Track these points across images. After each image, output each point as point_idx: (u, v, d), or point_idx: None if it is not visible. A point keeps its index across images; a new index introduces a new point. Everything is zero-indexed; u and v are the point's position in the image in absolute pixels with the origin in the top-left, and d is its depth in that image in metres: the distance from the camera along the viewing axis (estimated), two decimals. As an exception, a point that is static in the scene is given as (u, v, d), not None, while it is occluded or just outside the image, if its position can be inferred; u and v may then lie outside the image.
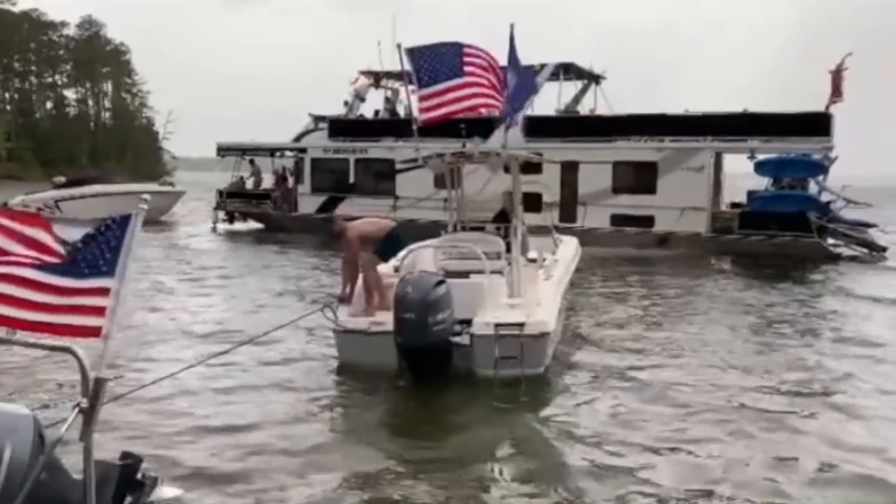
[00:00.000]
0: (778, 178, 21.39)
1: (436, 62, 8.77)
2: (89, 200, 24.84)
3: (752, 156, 21.14)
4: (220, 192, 27.73)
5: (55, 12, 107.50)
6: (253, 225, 27.49)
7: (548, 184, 22.90)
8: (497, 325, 7.39)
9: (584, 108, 25.23)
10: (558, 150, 22.88)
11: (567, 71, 23.74)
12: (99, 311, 2.41)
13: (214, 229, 26.95)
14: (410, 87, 8.96)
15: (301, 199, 26.62)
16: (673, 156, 21.63)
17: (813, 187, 20.79)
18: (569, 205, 22.86)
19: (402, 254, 8.78)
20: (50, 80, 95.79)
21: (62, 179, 28.07)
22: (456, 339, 7.54)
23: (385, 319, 7.57)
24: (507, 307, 7.94)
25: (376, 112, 26.71)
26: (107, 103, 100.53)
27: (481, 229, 9.86)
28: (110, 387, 2.44)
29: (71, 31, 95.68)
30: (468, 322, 7.59)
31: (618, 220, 22.15)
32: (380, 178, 25.44)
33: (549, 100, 24.16)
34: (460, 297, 7.61)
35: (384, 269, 8.77)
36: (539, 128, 23.31)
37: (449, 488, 5.22)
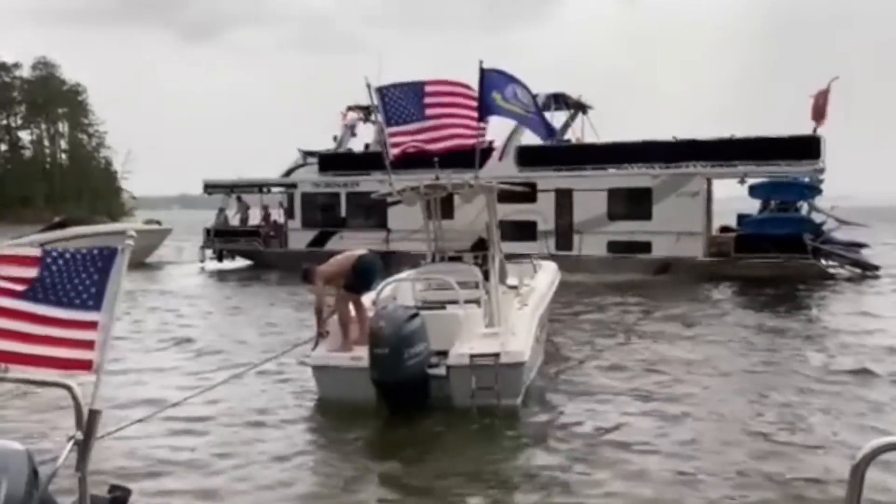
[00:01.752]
0: (768, 201, 21.74)
1: (402, 101, 9.06)
2: (77, 242, 23.97)
3: (742, 180, 21.48)
4: (208, 231, 27.14)
5: (7, 54, 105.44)
6: (242, 263, 26.89)
7: (543, 212, 23.01)
8: (472, 356, 7.45)
9: (570, 138, 25.42)
10: (552, 179, 23.04)
11: (557, 101, 23.93)
12: (88, 344, 2.44)
13: (203, 269, 26.26)
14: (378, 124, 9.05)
15: (292, 235, 26.24)
16: (667, 182, 21.92)
17: (805, 209, 21.16)
18: (564, 233, 22.96)
19: (381, 286, 8.82)
20: (4, 122, 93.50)
21: (58, 220, 27.49)
22: (433, 370, 7.59)
23: (363, 354, 7.58)
24: (482, 337, 7.98)
25: (366, 146, 26.53)
26: (63, 144, 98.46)
27: (460, 259, 9.91)
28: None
29: (24, 72, 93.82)
30: (445, 353, 7.64)
31: (615, 246, 22.26)
32: (371, 211, 25.17)
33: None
34: (436, 329, 7.65)
35: (365, 301, 8.67)
36: (532, 156, 23.47)
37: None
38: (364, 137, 26.98)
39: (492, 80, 9.30)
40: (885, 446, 1.78)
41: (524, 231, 22.83)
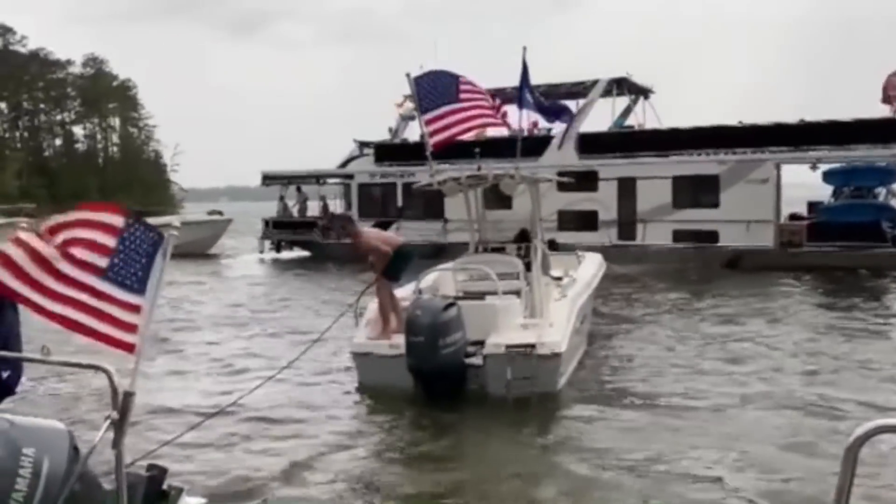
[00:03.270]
0: (841, 188, 20.84)
1: (436, 88, 9.39)
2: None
3: (814, 166, 20.61)
4: (267, 222, 27.12)
5: (62, 51, 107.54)
6: (300, 253, 26.86)
7: (604, 201, 22.43)
8: (508, 347, 7.49)
9: (633, 124, 24.64)
10: (614, 167, 22.42)
11: (619, 86, 23.22)
12: (131, 327, 2.51)
13: (262, 259, 26.29)
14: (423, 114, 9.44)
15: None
16: (735, 168, 21.16)
17: (882, 196, 20.20)
18: (627, 222, 22.38)
19: (421, 276, 8.89)
20: (59, 117, 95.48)
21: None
22: (469, 360, 7.66)
23: (401, 342, 7.70)
24: (520, 328, 8.00)
25: (422, 135, 26.14)
26: (114, 138, 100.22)
27: (503, 250, 9.82)
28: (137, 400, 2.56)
29: (76, 68, 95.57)
30: (482, 343, 7.70)
31: (680, 235, 21.58)
32: (428, 201, 24.80)
33: (602, 116, 23.63)
34: (473, 319, 7.73)
35: (406, 292, 8.82)
36: (593, 144, 22.87)
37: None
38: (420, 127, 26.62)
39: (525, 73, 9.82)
40: (879, 428, 1.73)
41: (585, 221, 22.34)
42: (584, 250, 13.57)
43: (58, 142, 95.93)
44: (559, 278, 9.86)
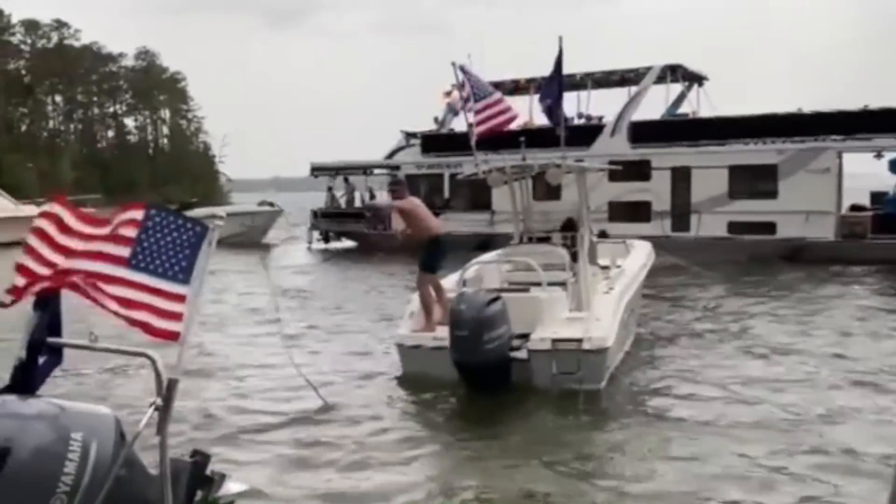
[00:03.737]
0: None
1: (480, 80, 9.78)
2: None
3: (878, 154, 19.72)
4: (315, 213, 27.18)
5: (113, 44, 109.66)
6: (348, 244, 26.88)
7: (657, 191, 21.86)
8: (554, 341, 7.37)
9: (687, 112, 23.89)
10: (668, 156, 21.82)
11: (673, 72, 22.54)
12: (176, 316, 2.54)
13: (310, 249, 26.40)
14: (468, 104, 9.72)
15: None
16: (794, 157, 20.40)
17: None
18: (681, 213, 21.77)
19: (465, 268, 8.82)
20: (111, 109, 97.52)
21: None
22: (514, 353, 7.56)
23: (445, 334, 7.61)
24: (566, 322, 7.87)
25: (470, 125, 25.80)
26: (164, 129, 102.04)
27: (548, 240, 9.61)
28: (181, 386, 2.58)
29: (129, 61, 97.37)
30: (527, 336, 7.59)
31: (736, 227, 20.90)
32: (475, 192, 24.49)
33: (656, 104, 23.01)
34: (518, 312, 7.61)
35: (449, 283, 8.76)
36: (646, 132, 22.27)
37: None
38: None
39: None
40: None
41: (637, 212, 21.81)
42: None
43: (110, 133, 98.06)
44: (606, 268, 9.68)
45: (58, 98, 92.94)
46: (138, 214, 2.63)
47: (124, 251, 2.58)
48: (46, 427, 2.36)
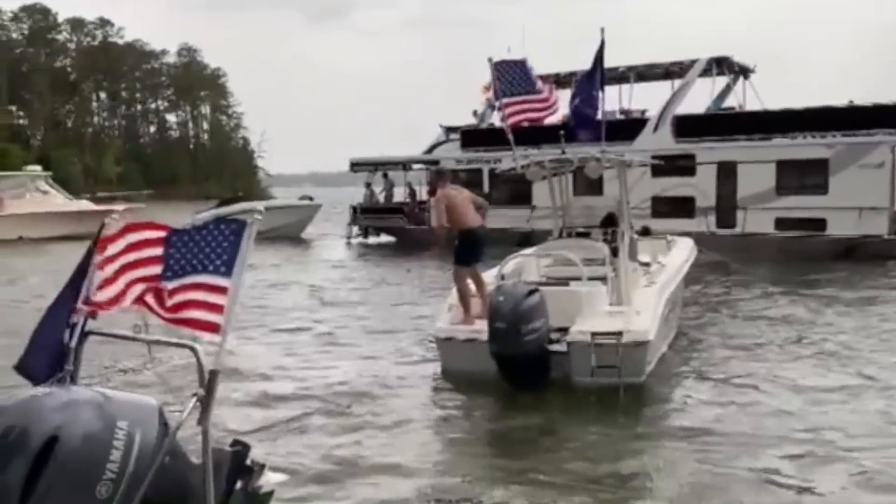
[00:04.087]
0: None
1: (516, 75, 9.47)
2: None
3: (936, 148, 18.99)
4: (354, 208, 27.21)
5: (155, 40, 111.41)
6: (386, 239, 26.84)
7: (702, 186, 21.38)
8: (594, 334, 7.30)
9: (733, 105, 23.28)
10: (713, 150, 21.32)
11: (719, 65, 21.97)
12: (217, 308, 2.60)
13: (349, 244, 26.43)
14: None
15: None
16: (846, 151, 19.75)
17: None
18: (727, 209, 21.23)
19: (504, 261, 8.75)
20: (153, 105, 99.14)
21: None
22: (553, 347, 7.51)
23: (483, 327, 7.58)
24: (605, 315, 7.82)
25: (502, 120, 25.53)
26: (205, 125, 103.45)
27: (588, 235, 9.53)
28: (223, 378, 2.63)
29: (171, 58, 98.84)
30: (566, 330, 7.53)
31: (784, 223, 20.33)
32: (515, 187, 24.20)
33: (700, 98, 22.49)
34: (557, 306, 7.58)
35: (488, 277, 8.73)
36: (691, 126, 21.79)
37: (534, 497, 5.15)
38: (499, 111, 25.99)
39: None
40: None
41: (681, 207, 21.34)
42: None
43: (152, 129, 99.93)
44: (647, 264, 9.57)
45: (102, 95, 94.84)
46: (162, 234, 2.73)
47: (156, 269, 2.71)
48: (93, 416, 2.41)
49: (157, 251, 2.73)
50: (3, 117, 78.17)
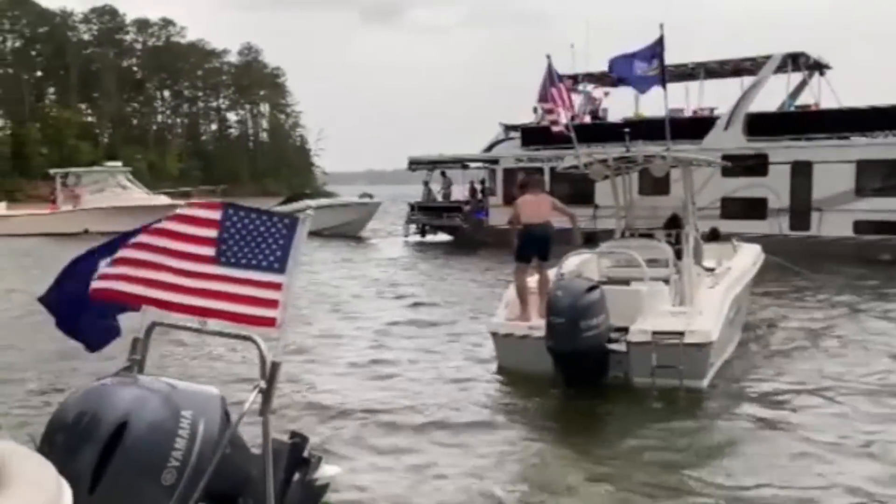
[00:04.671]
0: None
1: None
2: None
3: None
4: (412, 206, 26.94)
5: (215, 39, 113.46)
6: (444, 237, 26.58)
7: (775, 187, 20.40)
8: (655, 333, 7.12)
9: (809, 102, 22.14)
10: (787, 150, 20.32)
11: (794, 61, 20.90)
12: (273, 303, 2.64)
13: (406, 242, 26.21)
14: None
15: (493, 211, 25.21)
16: (933, 151, 18.45)
17: None
18: (801, 211, 20.20)
19: (563, 259, 8.58)
20: (214, 104, 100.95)
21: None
22: (612, 345, 7.34)
23: (540, 323, 7.42)
24: (667, 315, 7.61)
25: (572, 117, 24.83)
26: (264, 123, 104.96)
27: (651, 236, 9.38)
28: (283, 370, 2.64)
29: (232, 58, 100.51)
30: (626, 330, 7.35)
31: (863, 226, 19.22)
32: (577, 186, 23.49)
33: (773, 94, 21.48)
34: (618, 304, 7.38)
35: (550, 274, 8.58)
36: (763, 125, 20.83)
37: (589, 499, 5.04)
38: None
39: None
40: None
41: (752, 208, 20.46)
42: (751, 240, 13.02)
43: (213, 127, 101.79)
44: (712, 269, 9.29)
45: (166, 93, 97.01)
46: (216, 214, 2.71)
47: (209, 250, 2.68)
48: (159, 404, 2.47)
49: (212, 233, 2.71)
50: (74, 116, 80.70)
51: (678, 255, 8.45)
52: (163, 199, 32.05)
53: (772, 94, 22.00)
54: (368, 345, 9.85)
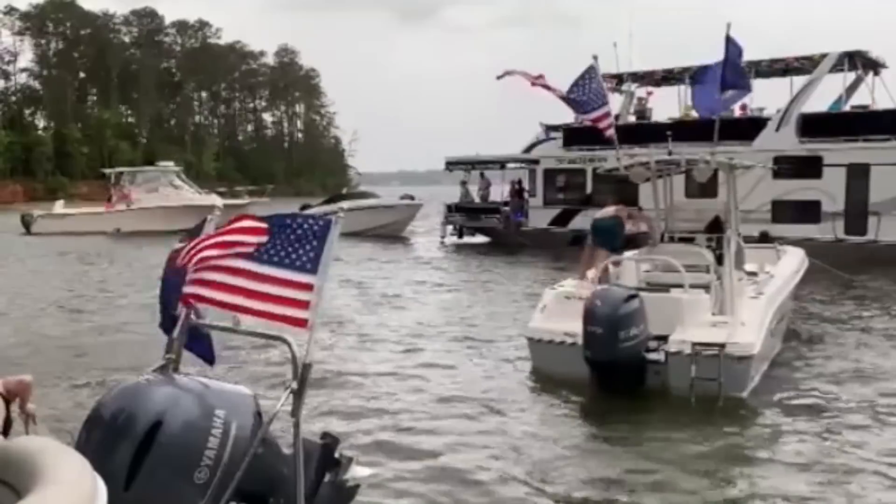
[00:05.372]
0: None
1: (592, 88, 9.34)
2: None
3: None
4: (449, 206, 26.40)
5: (251, 41, 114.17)
6: (481, 239, 26.01)
7: (829, 190, 19.49)
8: (695, 345, 6.91)
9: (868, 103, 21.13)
10: (842, 151, 19.37)
11: (851, 60, 19.95)
12: (304, 304, 2.63)
13: (443, 243, 25.70)
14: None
15: (532, 213, 24.56)
16: None
17: None
18: (857, 214, 19.28)
19: (601, 266, 8.56)
20: (251, 104, 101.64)
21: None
22: (651, 355, 7.16)
23: (577, 329, 7.21)
24: (708, 325, 7.39)
25: (616, 117, 24.08)
26: (299, 124, 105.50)
27: (692, 241, 9.08)
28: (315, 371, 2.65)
29: (269, 59, 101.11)
30: (665, 338, 7.16)
31: (924, 231, 18.17)
32: (621, 188, 22.71)
33: (831, 94, 20.53)
34: (657, 312, 7.19)
35: (585, 282, 8.65)
36: (818, 125, 19.92)
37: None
38: (614, 109, 24.57)
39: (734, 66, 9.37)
40: None
41: (806, 212, 19.57)
42: (804, 244, 12.64)
43: (249, 127, 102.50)
44: (754, 274, 9.15)
45: (203, 94, 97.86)
46: (261, 225, 2.74)
47: (252, 250, 2.72)
48: (193, 403, 2.48)
49: (260, 238, 2.75)
50: (115, 116, 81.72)
51: (719, 260, 8.21)
52: (214, 199, 32.14)
53: (821, 95, 21.09)
54: (402, 348, 9.67)
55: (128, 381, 2.57)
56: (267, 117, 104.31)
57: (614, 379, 7.12)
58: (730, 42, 9.22)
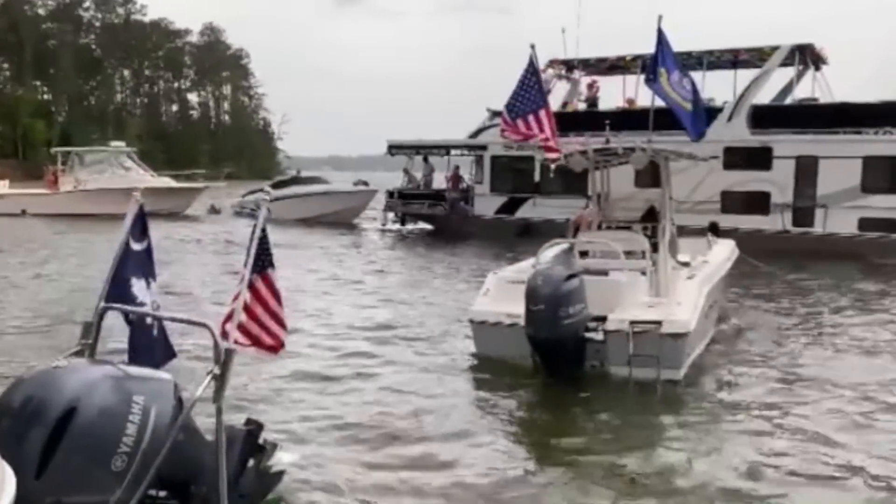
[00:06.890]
0: None
1: (531, 89, 8.92)
2: (294, 200, 25.27)
3: None
4: (391, 193, 24.96)
5: (179, 19, 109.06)
6: (422, 227, 24.84)
7: (779, 182, 19.18)
8: (632, 322, 7.04)
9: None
10: (792, 143, 19.06)
11: (802, 53, 19.61)
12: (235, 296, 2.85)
13: (383, 230, 24.35)
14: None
15: (478, 200, 23.48)
16: (945, 148, 17.36)
17: None
18: (805, 206, 19.00)
19: (541, 250, 8.17)
20: (175, 84, 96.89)
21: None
22: (590, 335, 7.25)
23: (519, 311, 7.14)
24: (645, 305, 7.57)
25: (564, 104, 23.21)
26: (226, 106, 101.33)
27: (628, 228, 9.31)
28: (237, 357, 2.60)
29: (194, 38, 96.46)
30: (604, 319, 7.27)
31: (869, 224, 18.15)
32: (569, 176, 21.81)
33: (779, 87, 20.20)
34: (596, 294, 7.29)
35: (525, 266, 8.47)
36: (769, 117, 19.54)
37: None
38: (561, 96, 23.70)
39: (665, 53, 9.29)
40: None
41: (754, 203, 19.26)
42: (752, 235, 12.89)
43: (174, 108, 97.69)
44: (686, 264, 9.20)
45: (125, 72, 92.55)
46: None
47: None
48: (111, 389, 2.42)
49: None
50: (28, 94, 76.20)
51: (654, 248, 8.37)
52: (167, 181, 29.91)
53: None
54: (335, 336, 9.23)
55: (39, 367, 2.50)
56: (192, 98, 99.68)
57: (555, 358, 7.11)
58: (661, 34, 9.34)
